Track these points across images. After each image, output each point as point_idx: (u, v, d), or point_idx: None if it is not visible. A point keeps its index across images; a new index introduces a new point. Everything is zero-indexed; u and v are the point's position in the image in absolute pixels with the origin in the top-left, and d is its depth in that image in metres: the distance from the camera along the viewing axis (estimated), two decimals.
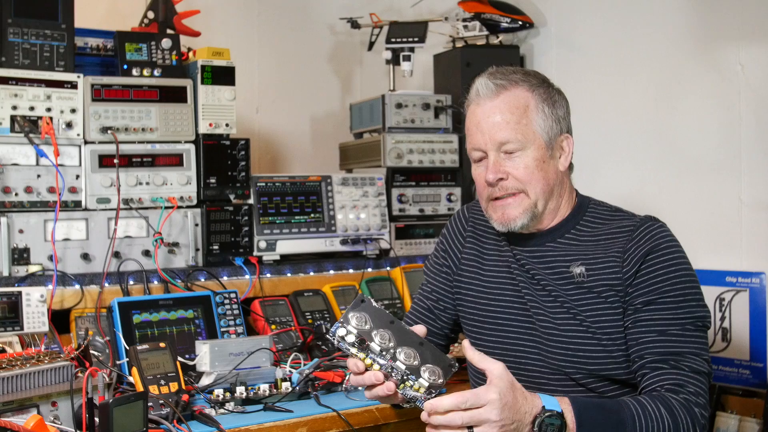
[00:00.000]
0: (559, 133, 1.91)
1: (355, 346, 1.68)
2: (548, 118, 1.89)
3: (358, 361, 1.68)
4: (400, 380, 1.66)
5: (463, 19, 3.37)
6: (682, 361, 1.75)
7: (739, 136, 2.71)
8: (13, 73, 2.48)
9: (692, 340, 1.78)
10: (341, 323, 1.70)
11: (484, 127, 1.89)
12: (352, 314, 1.71)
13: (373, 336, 1.69)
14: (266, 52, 3.96)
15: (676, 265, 1.82)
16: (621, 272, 1.83)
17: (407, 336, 1.70)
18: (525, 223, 1.90)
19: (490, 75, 1.92)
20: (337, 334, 1.69)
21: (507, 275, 1.98)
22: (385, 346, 1.68)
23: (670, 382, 1.73)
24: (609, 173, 3.08)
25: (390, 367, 1.66)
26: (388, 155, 3.15)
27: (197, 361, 2.21)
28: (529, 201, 1.89)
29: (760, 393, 2.63)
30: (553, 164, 1.90)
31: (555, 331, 1.86)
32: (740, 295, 2.69)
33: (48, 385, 1.80)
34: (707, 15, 2.81)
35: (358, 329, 1.69)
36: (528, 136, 1.86)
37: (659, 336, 1.77)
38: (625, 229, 1.89)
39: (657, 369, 1.75)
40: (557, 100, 1.92)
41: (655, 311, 1.78)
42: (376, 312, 1.72)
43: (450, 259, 2.12)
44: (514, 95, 1.88)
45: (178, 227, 2.70)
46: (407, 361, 1.67)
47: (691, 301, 1.80)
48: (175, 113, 2.71)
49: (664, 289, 1.79)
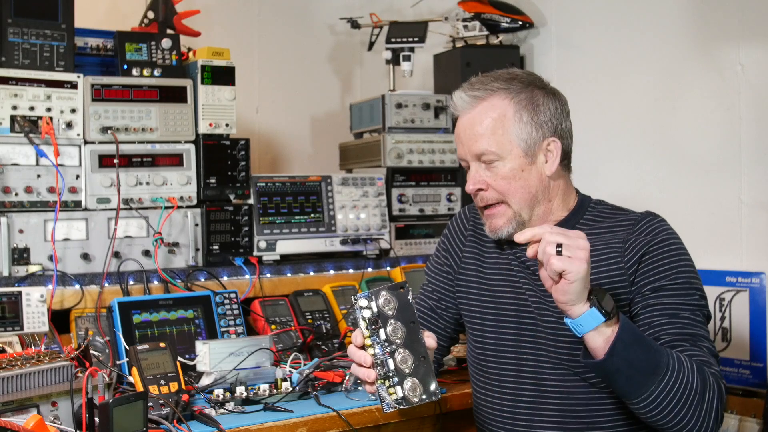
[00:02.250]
0: (541, 139, 1.89)
1: (366, 322, 1.68)
2: (527, 125, 1.88)
3: (360, 336, 1.69)
4: (383, 376, 1.66)
5: (463, 19, 3.37)
6: (699, 342, 1.75)
7: (739, 136, 2.71)
8: (13, 73, 2.48)
9: (702, 326, 1.79)
10: (370, 295, 1.69)
11: (463, 138, 1.93)
12: (385, 293, 1.70)
13: (388, 324, 1.68)
14: (266, 52, 3.96)
15: (678, 255, 1.83)
16: (622, 262, 1.83)
17: (415, 343, 1.69)
18: (511, 232, 1.91)
19: (467, 86, 1.94)
20: (359, 303, 1.68)
21: (508, 273, 1.99)
22: (392, 339, 1.67)
23: (696, 357, 1.72)
24: (609, 173, 3.08)
25: (382, 359, 1.66)
26: (388, 155, 3.15)
27: (197, 361, 2.21)
28: (511, 211, 1.91)
29: (760, 393, 2.63)
30: (536, 170, 1.90)
31: (558, 324, 1.86)
32: (740, 295, 2.69)
33: (48, 385, 1.80)
34: (707, 15, 2.81)
35: (380, 309, 1.68)
36: (504, 146, 1.87)
37: (672, 318, 1.77)
38: (626, 223, 1.90)
39: (677, 347, 1.74)
40: (541, 104, 1.90)
41: (664, 296, 1.79)
42: (406, 305, 1.71)
43: (451, 258, 2.13)
44: (491, 105, 1.89)
45: (178, 227, 2.70)
46: (400, 363, 1.66)
47: (696, 290, 1.82)
48: (175, 113, 2.71)
49: (672, 276, 1.80)
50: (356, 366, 1.71)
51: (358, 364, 1.70)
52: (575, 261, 1.58)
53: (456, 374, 2.43)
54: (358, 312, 1.68)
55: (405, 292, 1.71)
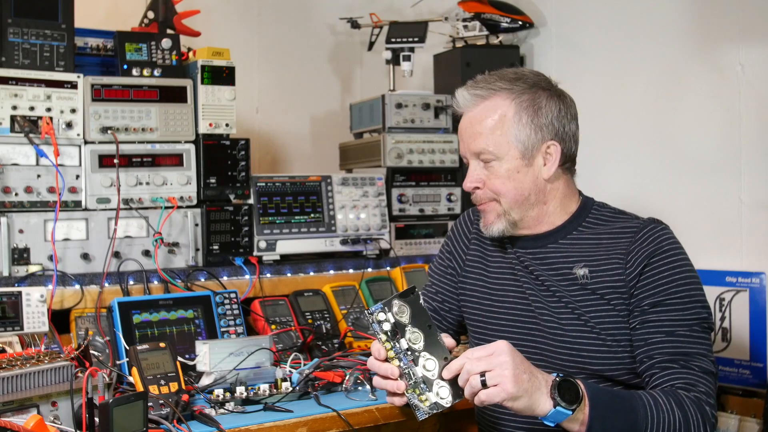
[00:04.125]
0: (540, 141, 1.89)
1: (387, 335, 1.67)
2: (526, 127, 1.87)
3: (382, 349, 1.68)
4: (412, 385, 1.65)
5: (463, 19, 3.37)
6: (691, 361, 1.75)
7: (739, 136, 2.71)
8: (13, 73, 2.48)
9: (700, 341, 1.78)
10: (384, 307, 1.68)
11: (464, 136, 1.95)
12: (397, 302, 1.69)
13: (407, 332, 1.67)
14: (266, 52, 3.96)
15: (680, 267, 1.82)
16: (624, 274, 1.83)
17: (436, 345, 1.68)
18: (501, 230, 1.93)
19: (472, 84, 1.95)
20: (377, 317, 1.67)
21: (511, 276, 1.99)
22: (413, 347, 1.67)
23: (681, 381, 1.73)
24: (609, 173, 3.08)
25: (408, 368, 1.66)
26: (388, 155, 3.15)
27: (197, 361, 2.21)
28: (501, 208, 1.92)
29: (760, 393, 2.63)
30: (532, 173, 1.90)
31: (560, 330, 1.86)
32: (740, 295, 2.69)
33: (48, 385, 1.80)
34: (707, 15, 2.82)
35: (396, 319, 1.67)
36: (501, 147, 1.88)
37: (668, 337, 1.77)
38: (628, 230, 1.88)
39: (667, 368, 1.75)
40: (543, 106, 1.89)
41: (662, 312, 1.78)
42: (419, 310, 1.70)
43: (455, 260, 2.13)
44: (492, 105, 1.89)
45: (178, 227, 2.70)
46: (426, 369, 1.66)
47: (697, 302, 1.81)
48: (175, 113, 2.71)
49: (671, 291, 1.79)
50: (381, 379, 1.70)
51: (384, 377, 1.69)
52: (502, 387, 1.56)
53: None
54: (377, 326, 1.67)
55: (415, 297, 1.71)
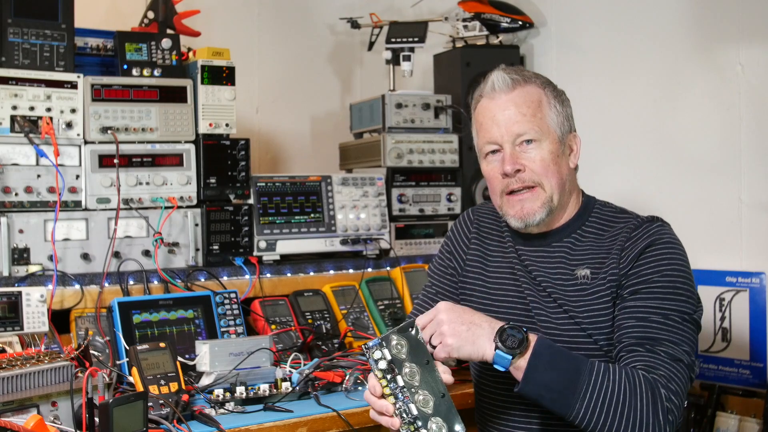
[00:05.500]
0: (569, 131, 1.95)
1: (383, 372, 1.66)
2: (560, 115, 1.92)
3: (378, 385, 1.67)
4: (407, 422, 1.65)
5: (463, 19, 3.37)
6: (657, 347, 1.72)
7: (739, 136, 2.71)
8: (13, 73, 2.48)
9: (674, 330, 1.75)
10: (381, 343, 1.67)
11: (500, 119, 1.90)
12: (395, 337, 1.68)
13: (404, 368, 1.66)
14: (266, 52, 3.96)
15: (669, 260, 1.81)
16: (618, 268, 1.83)
17: (433, 382, 1.68)
18: (543, 218, 1.90)
19: (504, 70, 1.95)
20: (373, 355, 1.66)
21: (510, 277, 1.99)
22: (409, 384, 1.66)
23: (642, 363, 1.71)
24: (609, 173, 3.08)
25: (403, 406, 1.65)
26: (388, 155, 3.15)
27: (197, 361, 2.21)
28: (545, 194, 1.89)
29: (760, 393, 2.63)
30: (565, 160, 1.93)
31: (556, 331, 1.86)
32: (740, 295, 2.69)
33: (48, 385, 1.80)
34: (707, 15, 2.82)
35: (393, 354, 1.66)
36: (543, 129, 1.89)
37: (638, 322, 1.76)
38: (627, 229, 1.89)
39: (632, 351, 1.73)
40: (565, 99, 1.96)
41: (638, 299, 1.78)
42: (417, 345, 1.69)
43: (455, 260, 2.13)
44: (528, 90, 1.91)
45: (178, 227, 2.70)
46: (422, 406, 1.65)
47: (680, 294, 1.78)
48: (175, 113, 2.71)
49: (653, 280, 1.79)
50: (377, 414, 1.70)
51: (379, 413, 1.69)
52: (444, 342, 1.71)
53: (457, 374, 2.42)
54: (373, 363, 1.66)
55: (414, 332, 1.70)
